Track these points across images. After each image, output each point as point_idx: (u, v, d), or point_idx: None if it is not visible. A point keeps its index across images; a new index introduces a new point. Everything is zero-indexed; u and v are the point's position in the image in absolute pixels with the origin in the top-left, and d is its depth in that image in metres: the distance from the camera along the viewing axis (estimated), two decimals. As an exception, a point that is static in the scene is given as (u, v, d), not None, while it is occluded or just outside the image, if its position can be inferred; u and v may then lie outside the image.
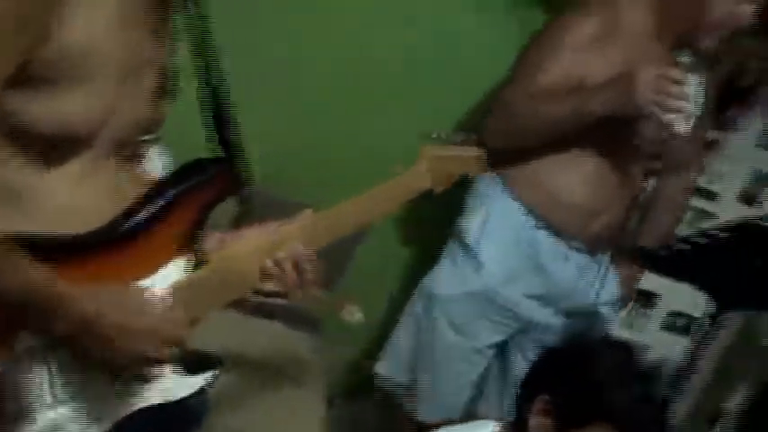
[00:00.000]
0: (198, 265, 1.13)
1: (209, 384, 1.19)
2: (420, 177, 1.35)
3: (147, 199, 1.08)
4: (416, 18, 2.36)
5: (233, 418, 2.05)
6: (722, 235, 1.72)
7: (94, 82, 0.97)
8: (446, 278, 2.13)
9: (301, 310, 2.08)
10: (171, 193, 1.09)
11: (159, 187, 1.10)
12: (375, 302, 2.62)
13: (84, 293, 0.99)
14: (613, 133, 1.98)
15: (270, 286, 1.18)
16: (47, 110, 0.95)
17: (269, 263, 1.17)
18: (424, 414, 2.21)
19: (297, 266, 1.18)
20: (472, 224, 2.10)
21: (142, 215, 1.07)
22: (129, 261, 1.06)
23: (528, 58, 2.03)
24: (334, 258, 2.57)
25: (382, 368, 2.28)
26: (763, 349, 2.78)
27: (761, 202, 2.87)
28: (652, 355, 3.00)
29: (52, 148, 0.99)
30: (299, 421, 2.15)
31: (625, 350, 1.66)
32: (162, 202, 1.08)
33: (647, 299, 2.94)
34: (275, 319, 2.48)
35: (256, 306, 2.41)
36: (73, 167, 1.02)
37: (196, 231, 1.12)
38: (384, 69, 2.37)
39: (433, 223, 2.35)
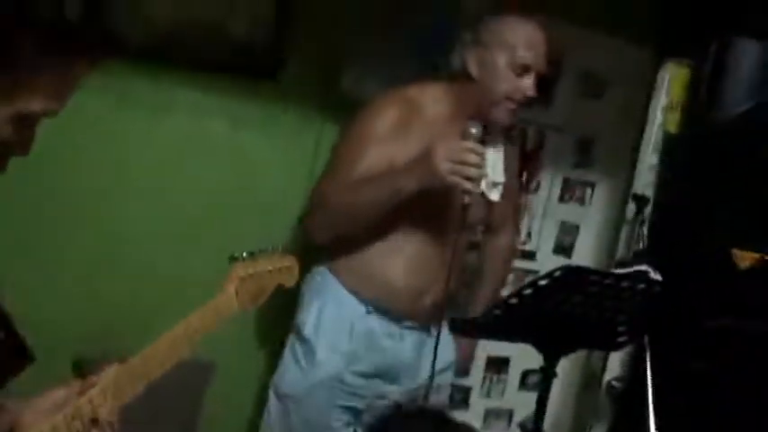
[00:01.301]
0: None
1: None
2: (229, 300, 1.34)
3: None
4: (213, 153, 2.41)
5: None
6: (527, 291, 1.79)
7: None
8: (290, 374, 2.16)
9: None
10: None
11: None
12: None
13: None
14: (428, 216, 2.07)
15: None
16: None
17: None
18: None
19: (107, 427, 1.13)
20: (308, 317, 2.14)
21: None
22: None
23: (339, 151, 2.13)
24: (185, 411, 2.50)
25: None
26: (608, 386, 2.92)
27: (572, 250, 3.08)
28: (517, 418, 3.08)
29: None
30: None
31: (434, 413, 1.69)
32: None
33: (498, 365, 3.03)
34: None
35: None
36: None
37: None
38: (186, 209, 2.39)
39: (274, 322, 2.37)
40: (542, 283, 1.80)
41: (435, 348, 2.05)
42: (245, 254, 1.42)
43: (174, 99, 2.31)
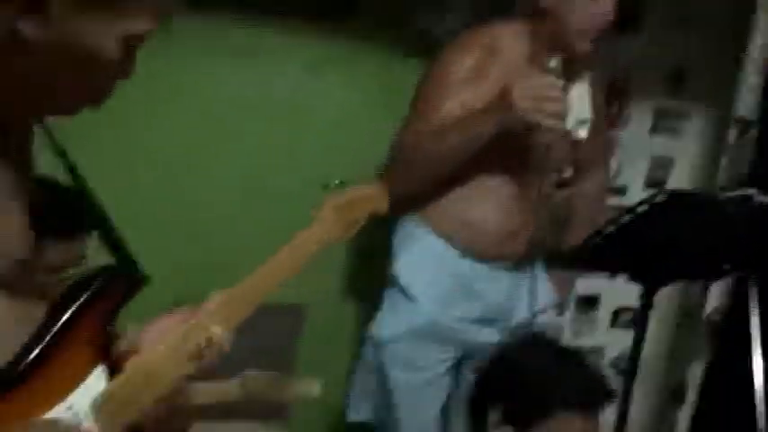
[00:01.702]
0: (116, 371, 1.07)
1: None
2: (324, 228, 1.32)
3: (50, 321, 1.02)
4: (293, 97, 2.41)
5: None
6: (626, 218, 1.74)
7: None
8: (387, 321, 2.15)
9: (263, 400, 1.99)
10: (72, 307, 1.03)
11: (59, 305, 1.03)
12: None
13: None
14: (513, 157, 2.02)
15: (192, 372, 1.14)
16: None
17: (193, 350, 1.13)
18: None
19: (216, 348, 1.15)
20: (401, 266, 2.13)
21: (46, 338, 1.00)
22: (43, 388, 1.00)
23: (418, 100, 2.07)
24: (280, 356, 2.53)
25: (353, 415, 2.26)
26: (707, 320, 2.82)
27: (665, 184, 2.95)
28: (609, 355, 3.01)
29: None
30: None
31: (549, 341, 1.69)
32: (64, 320, 1.02)
33: (588, 303, 2.96)
34: (240, 418, 2.41)
35: (221, 409, 2.35)
36: None
37: (106, 338, 1.07)
38: (269, 150, 2.41)
39: (370, 274, 2.37)
40: (641, 209, 1.73)
41: (528, 289, 2.01)
42: (335, 182, 1.40)
43: (256, 43, 2.31)
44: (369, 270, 2.47)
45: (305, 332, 2.55)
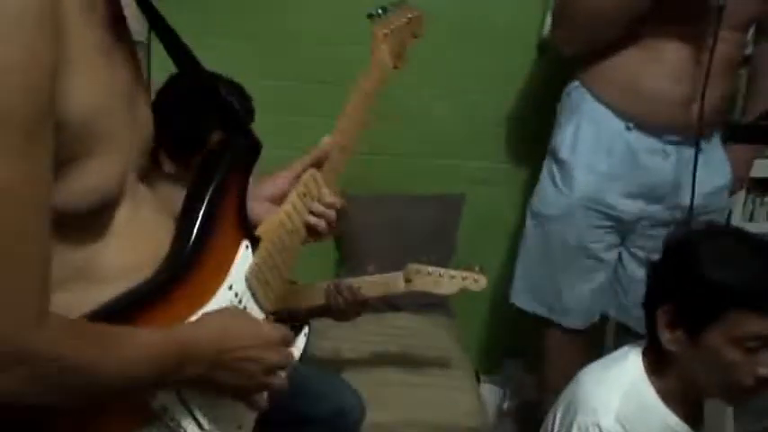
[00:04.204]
0: (256, 245, 1.06)
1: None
2: (384, 58, 1.28)
3: (193, 205, 0.99)
4: None
5: (395, 412, 2.04)
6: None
7: (110, 138, 0.85)
8: (547, 196, 2.07)
9: (426, 294, 1.97)
10: (211, 188, 1.00)
11: (198, 189, 1.00)
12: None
13: (198, 331, 0.91)
14: (685, 17, 1.84)
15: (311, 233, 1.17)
16: (80, 186, 0.83)
17: (311, 218, 1.16)
18: (567, 323, 2.13)
19: (330, 205, 1.16)
20: (563, 137, 2.03)
21: (198, 225, 0.97)
22: (205, 273, 0.98)
23: None
24: (440, 243, 2.51)
25: (517, 298, 2.19)
26: None
27: None
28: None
29: (97, 214, 0.88)
30: (455, 398, 2.15)
31: (727, 232, 1.47)
32: (208, 200, 0.99)
33: (762, 186, 2.73)
34: (403, 311, 2.48)
35: (384, 303, 2.37)
36: (118, 218, 0.91)
37: (245, 212, 1.05)
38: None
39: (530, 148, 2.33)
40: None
41: (695, 160, 1.82)
42: (379, 10, 1.31)
43: None
44: (530, 146, 2.41)
45: (464, 221, 2.55)
